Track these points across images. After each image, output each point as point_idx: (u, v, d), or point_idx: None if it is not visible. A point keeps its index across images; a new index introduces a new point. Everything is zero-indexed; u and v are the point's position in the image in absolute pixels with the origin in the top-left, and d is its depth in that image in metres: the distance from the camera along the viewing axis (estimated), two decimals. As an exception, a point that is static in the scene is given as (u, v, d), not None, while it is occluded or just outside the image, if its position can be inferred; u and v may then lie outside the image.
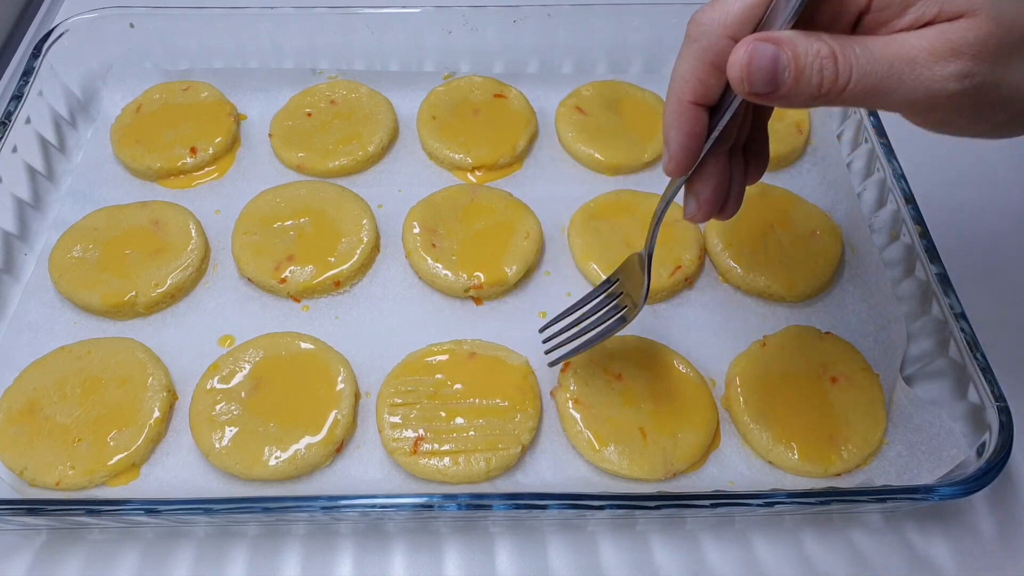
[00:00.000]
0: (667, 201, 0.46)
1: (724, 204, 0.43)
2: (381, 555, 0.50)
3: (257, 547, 0.50)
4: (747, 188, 0.44)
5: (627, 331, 0.59)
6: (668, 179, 0.43)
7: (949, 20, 0.33)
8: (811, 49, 0.33)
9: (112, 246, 0.62)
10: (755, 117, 0.44)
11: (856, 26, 0.36)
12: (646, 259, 0.49)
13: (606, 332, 0.51)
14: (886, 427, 0.55)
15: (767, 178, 0.70)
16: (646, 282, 0.49)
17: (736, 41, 0.35)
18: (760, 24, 0.36)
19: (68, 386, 0.55)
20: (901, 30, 0.34)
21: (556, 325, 0.54)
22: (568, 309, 0.54)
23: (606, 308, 0.52)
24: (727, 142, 0.42)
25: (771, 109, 0.45)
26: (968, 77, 0.33)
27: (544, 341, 0.54)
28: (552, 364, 0.53)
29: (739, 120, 0.43)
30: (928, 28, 0.33)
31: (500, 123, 0.72)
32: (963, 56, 0.33)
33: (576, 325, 0.53)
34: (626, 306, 0.51)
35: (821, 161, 0.71)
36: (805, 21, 0.35)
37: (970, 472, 0.47)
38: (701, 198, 0.42)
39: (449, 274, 0.61)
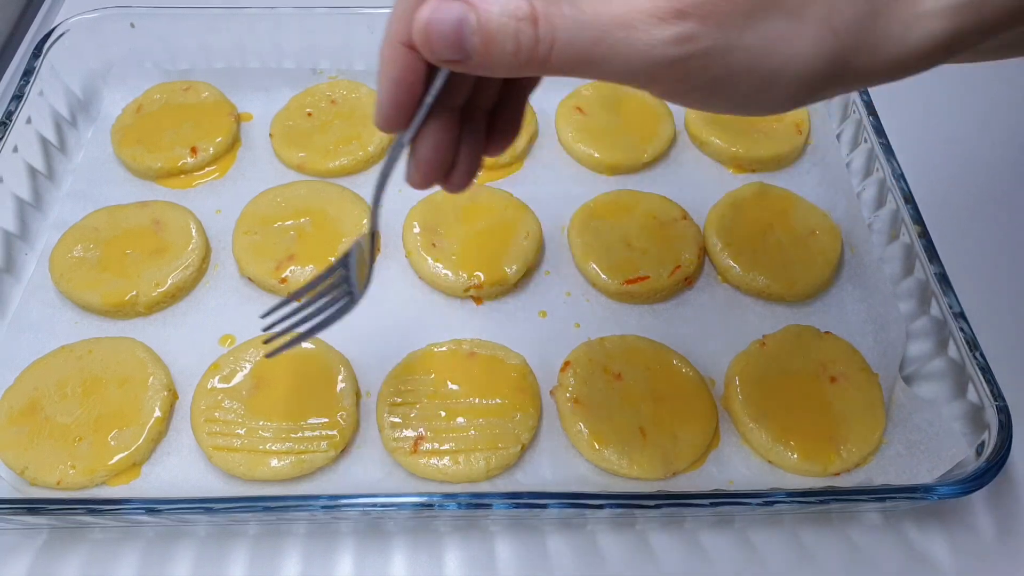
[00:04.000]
0: (386, 169, 0.38)
1: (450, 172, 0.37)
2: (381, 554, 0.50)
3: (258, 546, 0.50)
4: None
5: (627, 331, 0.59)
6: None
7: None
8: (508, 8, 0.28)
9: (113, 246, 0.62)
10: (509, 81, 0.37)
11: None
12: (369, 239, 0.43)
13: (322, 325, 0.45)
14: (885, 426, 0.55)
15: (766, 177, 0.71)
16: (369, 265, 0.43)
17: None
18: None
19: (69, 385, 0.55)
20: None
21: (277, 313, 0.46)
22: (290, 297, 0.46)
23: (323, 300, 0.45)
24: (456, 98, 0.36)
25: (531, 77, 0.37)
26: (690, 41, 0.28)
27: (264, 330, 0.46)
28: (269, 356, 0.47)
29: (472, 80, 0.36)
30: None
31: (500, 123, 0.72)
32: (688, 17, 0.27)
33: (297, 313, 0.46)
34: (344, 298, 0.45)
35: (820, 161, 0.71)
36: None
37: (969, 471, 0.47)
38: (418, 159, 0.36)
39: (449, 274, 0.61)
